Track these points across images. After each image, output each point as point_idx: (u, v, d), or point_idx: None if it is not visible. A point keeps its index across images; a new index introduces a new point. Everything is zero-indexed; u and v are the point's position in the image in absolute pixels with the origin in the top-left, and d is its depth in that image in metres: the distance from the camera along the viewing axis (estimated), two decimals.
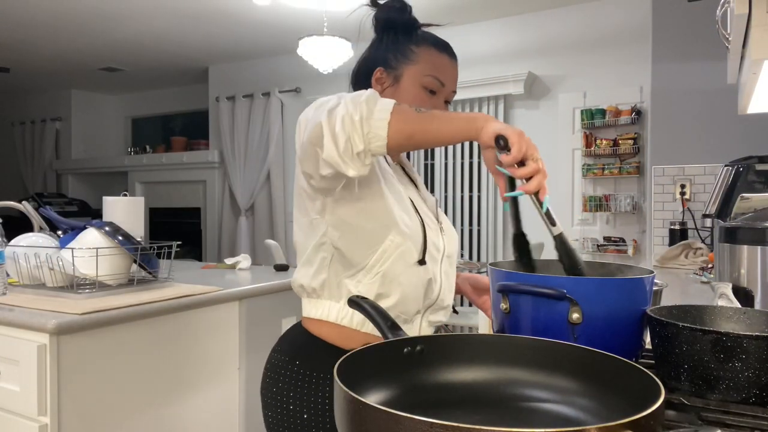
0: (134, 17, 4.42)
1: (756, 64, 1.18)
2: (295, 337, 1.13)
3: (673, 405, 0.69)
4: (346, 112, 0.87)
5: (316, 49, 3.71)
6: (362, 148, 0.87)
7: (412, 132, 0.88)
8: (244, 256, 2.65)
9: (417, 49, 1.14)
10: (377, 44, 1.18)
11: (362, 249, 1.03)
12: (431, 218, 1.14)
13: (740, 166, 2.37)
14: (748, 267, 1.34)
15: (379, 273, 1.03)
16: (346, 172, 0.89)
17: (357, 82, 1.21)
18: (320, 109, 0.92)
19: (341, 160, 0.88)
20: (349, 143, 0.87)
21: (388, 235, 1.03)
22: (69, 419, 1.50)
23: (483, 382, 0.65)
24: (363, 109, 0.87)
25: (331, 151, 0.88)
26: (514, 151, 0.82)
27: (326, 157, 0.89)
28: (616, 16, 4.01)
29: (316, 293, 1.08)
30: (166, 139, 6.80)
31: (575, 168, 4.12)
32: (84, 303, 1.60)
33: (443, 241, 1.14)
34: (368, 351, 0.62)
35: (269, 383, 1.10)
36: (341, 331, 1.06)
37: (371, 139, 0.87)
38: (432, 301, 1.11)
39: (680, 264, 2.61)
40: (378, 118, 0.87)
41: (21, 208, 2.07)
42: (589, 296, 0.75)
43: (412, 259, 1.05)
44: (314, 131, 0.90)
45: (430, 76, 1.13)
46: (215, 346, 1.95)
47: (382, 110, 0.87)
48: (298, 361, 1.07)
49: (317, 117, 0.91)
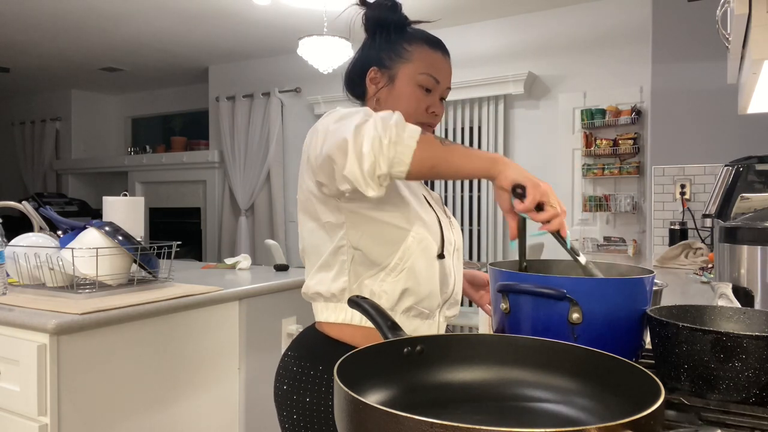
0: (134, 17, 4.42)
1: (756, 64, 1.18)
2: (313, 342, 1.09)
3: (673, 405, 0.69)
4: (376, 134, 0.87)
5: (316, 49, 3.71)
6: (385, 171, 0.88)
7: (435, 163, 0.89)
8: (244, 256, 2.65)
9: (410, 48, 1.13)
10: (369, 44, 1.17)
11: (385, 246, 1.02)
12: (442, 212, 1.15)
13: (740, 166, 2.37)
14: (748, 267, 1.34)
15: (404, 270, 1.02)
16: (365, 192, 0.89)
17: (350, 83, 1.20)
18: (345, 123, 0.91)
19: (363, 180, 0.88)
20: (373, 165, 0.87)
21: (411, 230, 1.02)
22: (69, 419, 1.50)
23: (483, 382, 0.65)
24: (392, 132, 0.87)
25: (354, 169, 0.88)
26: (528, 202, 0.86)
27: (347, 174, 0.88)
28: (616, 16, 4.01)
29: (336, 298, 1.06)
30: (166, 139, 6.80)
31: (575, 168, 4.12)
32: (84, 303, 1.60)
33: (453, 235, 1.15)
34: (368, 351, 0.62)
35: (288, 391, 1.06)
36: (367, 332, 1.02)
37: (395, 164, 0.88)
38: (448, 296, 1.11)
39: (680, 264, 2.61)
40: (406, 144, 0.88)
41: (21, 208, 2.07)
42: (589, 296, 0.75)
43: (433, 254, 1.05)
44: (338, 145, 0.89)
45: (425, 74, 1.12)
46: (215, 346, 1.95)
47: (410, 137, 0.88)
48: (321, 366, 1.04)
49: (342, 131, 0.90)
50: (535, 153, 4.32)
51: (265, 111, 5.57)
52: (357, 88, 1.19)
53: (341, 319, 1.05)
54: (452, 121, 4.59)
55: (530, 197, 0.85)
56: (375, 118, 0.89)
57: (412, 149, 0.87)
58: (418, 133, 0.89)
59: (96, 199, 6.71)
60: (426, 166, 0.89)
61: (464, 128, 4.56)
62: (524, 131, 4.38)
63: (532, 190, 0.86)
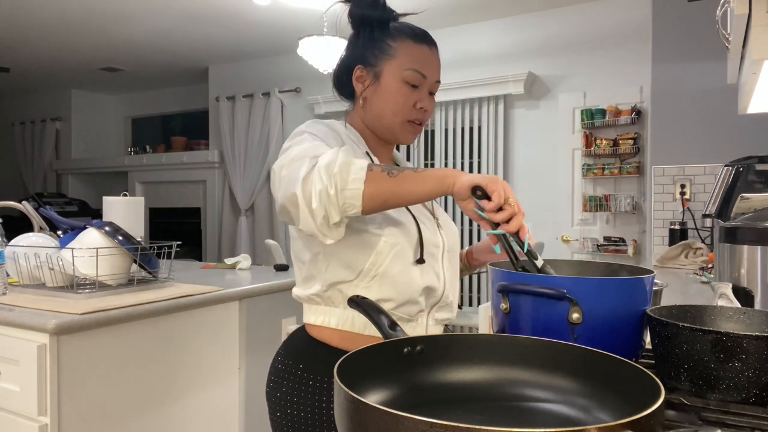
0: (134, 17, 4.42)
1: (756, 64, 1.18)
2: (297, 342, 1.13)
3: (673, 405, 0.69)
4: (323, 187, 0.89)
5: (316, 49, 3.71)
6: (338, 219, 0.91)
7: (386, 197, 0.91)
8: (244, 256, 2.65)
9: (394, 44, 1.11)
10: (354, 42, 1.16)
11: (358, 252, 1.03)
12: (426, 215, 1.13)
13: (740, 166, 2.37)
14: (748, 267, 1.34)
15: (376, 276, 1.03)
16: (324, 241, 0.94)
17: (339, 83, 1.19)
18: (293, 172, 0.93)
19: (319, 231, 0.92)
20: (326, 218, 0.90)
21: (383, 235, 1.03)
22: (69, 419, 1.50)
23: (483, 382, 0.65)
24: (338, 180, 0.89)
25: (308, 224, 0.92)
26: (495, 198, 0.86)
27: (304, 227, 0.93)
28: (616, 16, 4.01)
29: (314, 301, 1.09)
30: (166, 139, 6.80)
31: (575, 168, 4.12)
32: (84, 303, 1.60)
33: (442, 237, 1.13)
34: (368, 351, 0.62)
35: (273, 387, 1.10)
36: (344, 335, 1.06)
37: (346, 209, 0.91)
38: (437, 299, 1.10)
39: (680, 264, 2.61)
40: (352, 188, 0.89)
41: (21, 208, 2.07)
42: (589, 296, 0.75)
43: (409, 259, 1.04)
44: (290, 200, 0.92)
45: (410, 70, 1.10)
46: (215, 346, 1.95)
47: (356, 180, 0.90)
48: (301, 365, 1.08)
49: (291, 183, 0.92)
50: (535, 153, 4.32)
51: (265, 111, 5.57)
52: (345, 87, 1.18)
53: (320, 321, 1.08)
54: (452, 122, 4.59)
55: (495, 193, 0.86)
56: (319, 166, 0.90)
57: (360, 191, 0.89)
58: (364, 173, 0.90)
59: (96, 199, 6.70)
60: (378, 201, 0.91)
61: (464, 128, 4.55)
62: (524, 131, 4.38)
63: (493, 186, 0.87)
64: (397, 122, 1.12)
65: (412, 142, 1.19)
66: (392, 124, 1.13)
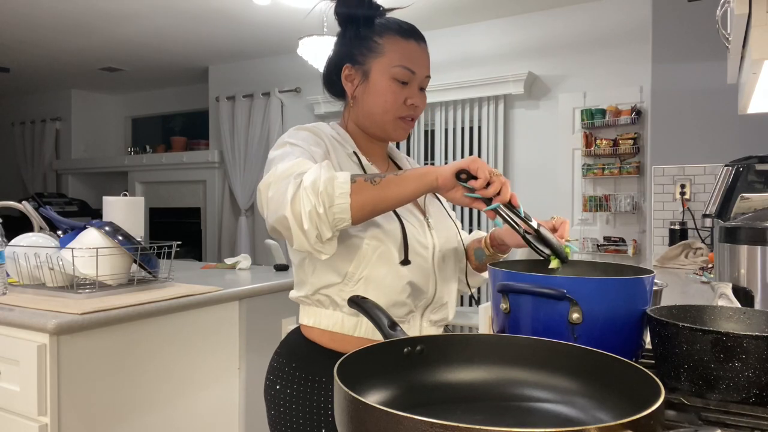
0: (134, 17, 4.42)
1: (756, 64, 1.18)
2: (293, 342, 1.15)
3: (673, 405, 0.69)
4: (312, 207, 0.90)
5: (316, 49, 3.71)
6: (330, 234, 0.92)
7: (374, 205, 0.93)
8: (244, 256, 2.65)
9: (381, 41, 1.10)
10: (341, 40, 1.15)
11: (342, 258, 1.03)
12: (416, 215, 1.12)
13: (740, 166, 2.37)
14: (748, 267, 1.34)
15: (362, 279, 1.03)
16: (319, 257, 0.95)
17: (329, 83, 1.19)
18: (280, 193, 0.93)
19: (314, 249, 0.94)
20: (318, 236, 0.92)
21: (365, 237, 1.03)
22: (69, 419, 1.50)
23: (483, 382, 0.65)
24: (325, 198, 0.90)
25: (302, 243, 0.93)
26: (481, 174, 0.89)
27: (298, 247, 0.94)
28: (616, 16, 4.01)
29: (306, 303, 1.12)
30: (166, 139, 6.80)
31: (575, 168, 4.12)
32: (84, 303, 1.60)
33: (431, 237, 1.12)
34: (368, 351, 0.62)
35: (269, 385, 1.13)
36: (333, 336, 1.08)
37: (337, 224, 0.92)
38: (429, 300, 1.10)
39: (680, 264, 2.61)
40: (339, 203, 0.90)
41: (21, 208, 2.07)
42: (589, 296, 0.75)
43: (394, 261, 1.04)
44: (280, 222, 0.93)
45: (398, 67, 1.09)
46: (215, 346, 1.95)
47: (342, 194, 0.91)
48: (294, 364, 1.09)
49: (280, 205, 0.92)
50: (535, 153, 4.32)
51: (265, 111, 5.57)
52: (335, 87, 1.18)
53: (312, 322, 1.10)
54: (452, 121, 4.59)
55: (479, 170, 0.89)
56: (305, 186, 0.91)
57: (347, 204, 0.91)
58: (349, 185, 0.91)
59: (96, 199, 6.70)
60: (366, 210, 0.93)
61: (464, 128, 4.55)
62: (524, 131, 4.38)
63: (474, 165, 0.90)
64: (388, 120, 1.12)
65: (405, 138, 1.19)
66: (383, 122, 1.12)
